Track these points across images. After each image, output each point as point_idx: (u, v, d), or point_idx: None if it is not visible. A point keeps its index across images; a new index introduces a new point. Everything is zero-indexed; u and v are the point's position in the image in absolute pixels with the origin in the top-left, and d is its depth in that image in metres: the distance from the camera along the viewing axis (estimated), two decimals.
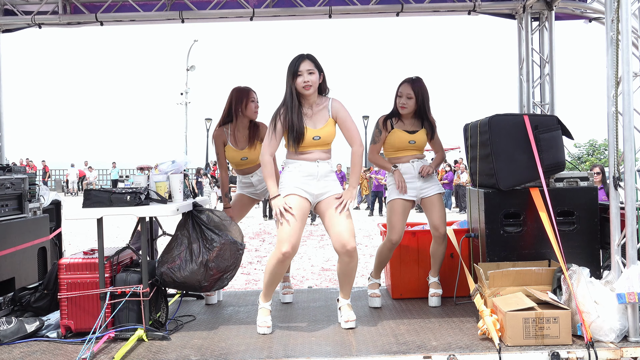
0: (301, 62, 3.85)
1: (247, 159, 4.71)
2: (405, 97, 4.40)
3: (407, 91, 4.40)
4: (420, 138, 4.46)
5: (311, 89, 3.86)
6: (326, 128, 3.93)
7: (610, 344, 3.42)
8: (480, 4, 5.50)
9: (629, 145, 3.50)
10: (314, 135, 3.89)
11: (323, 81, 3.96)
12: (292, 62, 3.89)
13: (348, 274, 3.98)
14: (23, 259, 4.51)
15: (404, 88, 4.42)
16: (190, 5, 5.51)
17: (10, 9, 5.60)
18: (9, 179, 4.51)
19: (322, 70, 3.94)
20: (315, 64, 3.89)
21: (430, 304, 4.52)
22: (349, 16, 5.63)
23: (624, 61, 3.51)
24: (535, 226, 4.09)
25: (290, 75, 3.87)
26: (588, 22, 5.64)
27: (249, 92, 4.71)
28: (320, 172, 3.93)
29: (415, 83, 4.41)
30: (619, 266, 3.58)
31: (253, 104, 4.70)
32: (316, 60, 3.92)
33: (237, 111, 4.67)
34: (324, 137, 3.92)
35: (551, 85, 5.51)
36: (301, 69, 3.84)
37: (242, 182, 4.87)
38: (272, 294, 4.07)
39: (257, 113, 4.74)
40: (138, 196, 3.88)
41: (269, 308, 4.02)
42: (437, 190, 4.47)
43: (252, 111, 4.69)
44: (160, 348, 3.64)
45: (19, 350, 3.71)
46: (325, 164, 3.97)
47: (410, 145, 4.45)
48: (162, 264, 4.03)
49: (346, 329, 3.92)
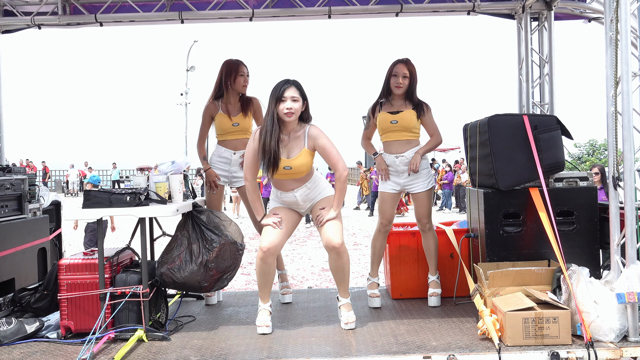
0: (286, 88, 3.83)
1: (239, 125, 4.66)
2: (402, 76, 4.42)
3: (403, 70, 4.42)
4: (403, 117, 4.41)
5: (293, 116, 3.83)
6: (299, 159, 3.89)
7: (610, 344, 3.42)
8: (479, 4, 5.50)
9: (629, 145, 3.50)
10: (284, 165, 3.88)
11: (306, 109, 3.94)
12: (277, 87, 3.86)
13: (339, 271, 4.03)
14: (23, 259, 4.51)
15: (400, 68, 4.44)
16: (189, 5, 5.51)
17: (9, 9, 5.60)
18: (9, 180, 4.51)
19: (306, 99, 3.91)
20: (300, 91, 3.86)
21: (430, 303, 4.52)
22: (349, 16, 5.64)
23: (623, 61, 3.52)
24: (534, 226, 4.09)
25: (274, 99, 3.83)
26: (587, 22, 5.65)
27: (239, 66, 4.70)
28: (300, 197, 4.03)
29: (409, 63, 4.47)
30: (619, 266, 3.58)
31: (242, 78, 4.69)
32: (301, 87, 3.89)
33: (226, 84, 4.69)
34: (295, 167, 3.89)
35: (550, 85, 5.51)
36: (285, 95, 3.81)
37: (221, 156, 4.73)
38: (270, 295, 4.08)
39: (245, 87, 4.73)
40: (138, 197, 3.89)
41: (268, 309, 4.03)
42: (423, 188, 4.45)
43: (240, 85, 4.69)
44: (160, 348, 3.64)
45: (19, 350, 3.71)
46: (304, 189, 4.02)
47: (393, 125, 4.41)
48: (162, 265, 4.03)
49: (346, 330, 3.93)
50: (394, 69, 4.46)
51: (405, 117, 4.42)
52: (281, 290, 4.83)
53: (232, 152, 4.71)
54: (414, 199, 4.52)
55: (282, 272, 4.89)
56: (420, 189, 4.46)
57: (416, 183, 4.46)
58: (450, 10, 5.58)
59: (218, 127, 4.73)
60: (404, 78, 4.42)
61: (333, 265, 4.03)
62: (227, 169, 4.75)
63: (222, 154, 4.74)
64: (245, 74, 4.73)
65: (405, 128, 4.42)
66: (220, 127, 4.71)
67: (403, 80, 4.42)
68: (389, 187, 4.52)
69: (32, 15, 5.54)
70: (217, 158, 4.76)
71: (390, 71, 4.48)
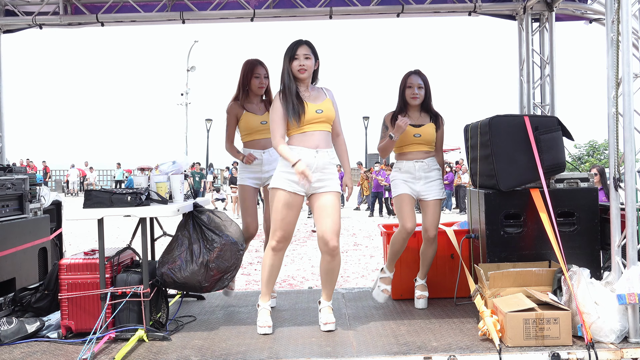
0: (299, 46, 3.94)
1: (267, 123, 4.43)
2: (417, 87, 4.39)
3: (418, 81, 4.40)
4: (426, 132, 4.41)
5: (306, 73, 3.93)
6: (326, 104, 3.98)
7: (611, 345, 3.42)
8: (480, 5, 5.50)
9: (629, 146, 3.51)
10: (316, 109, 3.92)
11: (317, 68, 4.04)
12: (290, 46, 3.97)
13: (329, 273, 4.00)
14: (24, 259, 4.51)
15: (413, 79, 4.41)
16: (190, 6, 5.52)
17: (11, 9, 5.61)
18: (10, 180, 4.51)
19: (318, 58, 4.02)
20: (312, 49, 3.96)
21: (417, 305, 4.49)
22: (350, 17, 5.64)
23: (625, 62, 3.52)
24: (535, 227, 4.09)
25: (287, 58, 3.95)
26: (588, 23, 5.65)
27: (254, 67, 4.57)
28: (318, 163, 3.88)
29: (421, 74, 4.45)
30: (619, 267, 3.58)
31: (257, 80, 4.55)
32: (313, 46, 3.99)
33: (244, 85, 4.58)
34: (325, 110, 3.95)
35: (551, 86, 5.51)
36: (298, 53, 3.92)
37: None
38: (271, 293, 4.07)
39: (262, 89, 4.57)
40: (139, 197, 3.89)
41: (269, 308, 4.02)
42: (435, 196, 4.40)
43: (255, 87, 4.55)
44: (161, 348, 3.64)
45: (20, 350, 3.71)
46: (325, 154, 3.93)
47: (416, 139, 4.39)
48: (162, 265, 4.03)
49: (326, 332, 3.91)
50: (408, 80, 4.42)
51: (428, 132, 4.41)
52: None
53: (261, 152, 4.55)
54: (425, 208, 4.42)
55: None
56: (433, 196, 4.39)
57: (431, 190, 4.39)
58: (451, 11, 5.58)
59: (244, 127, 4.56)
60: (419, 89, 4.39)
61: (324, 267, 4.00)
62: (259, 170, 4.55)
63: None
64: (261, 75, 4.56)
65: (427, 142, 4.42)
66: (247, 127, 4.55)
67: (419, 91, 4.38)
68: (408, 189, 4.39)
69: (33, 15, 5.54)
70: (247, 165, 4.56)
71: (404, 83, 4.44)
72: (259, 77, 4.56)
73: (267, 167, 4.53)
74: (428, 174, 4.41)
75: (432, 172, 4.42)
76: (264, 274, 4.01)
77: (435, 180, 4.43)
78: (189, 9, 5.52)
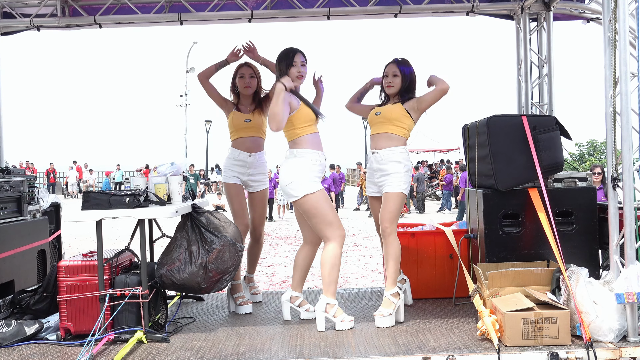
0: (295, 54, 4.14)
1: (251, 122, 4.56)
2: (391, 75, 4.32)
3: (393, 69, 4.32)
4: (386, 109, 4.27)
5: (303, 79, 4.17)
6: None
7: (609, 344, 3.42)
8: (478, 5, 5.51)
9: (627, 145, 3.51)
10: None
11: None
12: (286, 53, 4.15)
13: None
14: (22, 261, 4.51)
15: (390, 67, 4.36)
16: (188, 7, 5.51)
17: (8, 11, 5.60)
18: (8, 182, 4.51)
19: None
20: (305, 59, 4.20)
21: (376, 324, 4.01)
22: (348, 17, 5.64)
23: (622, 61, 3.52)
24: (534, 227, 4.09)
25: (285, 64, 4.12)
26: (586, 22, 5.65)
27: (239, 68, 4.67)
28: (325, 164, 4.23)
29: (401, 62, 4.35)
30: (618, 266, 3.58)
31: (242, 81, 4.61)
32: (305, 56, 4.22)
33: (233, 86, 4.70)
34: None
35: (549, 85, 5.51)
36: (295, 60, 4.13)
37: (236, 159, 4.58)
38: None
39: (247, 88, 4.62)
40: (137, 198, 3.88)
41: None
42: (391, 189, 4.11)
43: (241, 87, 4.63)
44: (160, 350, 3.64)
45: (19, 352, 3.71)
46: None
47: (377, 117, 4.29)
48: (161, 266, 4.03)
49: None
50: (385, 69, 4.38)
51: (389, 109, 4.26)
52: (251, 291, 4.86)
53: (247, 155, 4.59)
54: (383, 199, 4.18)
55: (250, 274, 4.91)
56: (388, 189, 4.12)
57: (388, 182, 4.15)
58: (449, 11, 5.58)
59: (230, 124, 4.64)
60: (393, 77, 4.30)
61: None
62: (243, 172, 4.62)
63: (237, 157, 4.59)
64: (246, 75, 4.60)
65: (387, 119, 4.22)
66: (232, 124, 4.61)
67: (393, 79, 4.30)
68: (369, 191, 4.43)
69: (31, 17, 5.54)
70: (233, 161, 4.61)
71: (383, 73, 4.42)
72: (243, 77, 4.63)
73: (252, 170, 4.64)
74: (383, 166, 4.17)
75: (387, 164, 4.16)
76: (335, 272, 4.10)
77: (391, 174, 4.13)
78: (187, 10, 5.52)
